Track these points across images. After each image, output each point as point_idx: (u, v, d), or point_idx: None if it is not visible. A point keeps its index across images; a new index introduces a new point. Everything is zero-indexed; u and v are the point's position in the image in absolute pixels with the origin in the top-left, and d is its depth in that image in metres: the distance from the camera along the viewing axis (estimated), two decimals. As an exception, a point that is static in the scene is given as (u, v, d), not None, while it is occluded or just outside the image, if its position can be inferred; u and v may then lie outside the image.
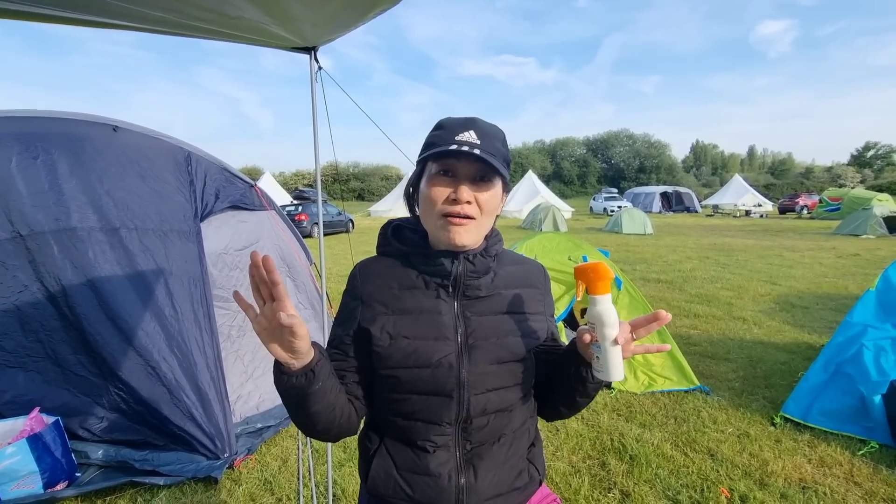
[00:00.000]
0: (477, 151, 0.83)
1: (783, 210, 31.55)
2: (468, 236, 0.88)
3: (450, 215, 0.87)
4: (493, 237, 0.99)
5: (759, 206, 33.16)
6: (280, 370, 0.80)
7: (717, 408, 3.39)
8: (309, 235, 17.26)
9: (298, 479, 2.68)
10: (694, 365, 3.98)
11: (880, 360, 2.95)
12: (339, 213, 20.49)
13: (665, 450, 2.86)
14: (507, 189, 0.96)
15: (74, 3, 1.00)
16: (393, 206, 29.68)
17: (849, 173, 58.96)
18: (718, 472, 2.63)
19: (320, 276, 2.47)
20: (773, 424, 3.12)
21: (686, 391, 3.64)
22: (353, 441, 3.03)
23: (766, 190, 48.04)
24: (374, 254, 1.03)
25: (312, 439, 3.15)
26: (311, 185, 58.27)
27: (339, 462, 2.85)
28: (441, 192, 0.87)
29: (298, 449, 3.00)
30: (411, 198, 1.00)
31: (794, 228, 20.02)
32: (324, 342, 3.88)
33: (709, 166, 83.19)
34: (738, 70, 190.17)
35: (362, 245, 11.16)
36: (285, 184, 52.83)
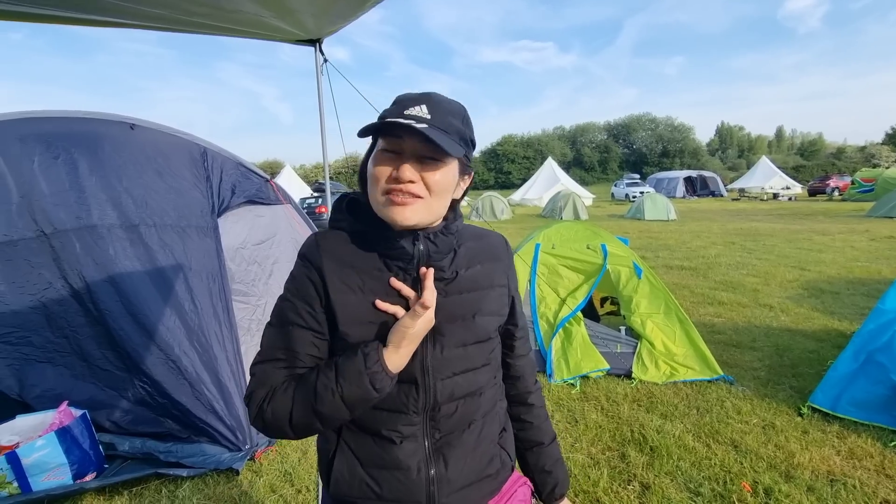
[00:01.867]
0: (422, 126, 0.77)
1: (813, 192, 30.49)
2: (412, 215, 0.82)
3: (390, 193, 0.81)
4: (452, 215, 0.93)
5: (788, 188, 32.13)
6: (382, 376, 0.80)
7: (741, 398, 3.31)
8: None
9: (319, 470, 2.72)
10: (718, 354, 3.89)
11: (915, 348, 2.83)
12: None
13: (687, 441, 2.80)
14: (466, 170, 0.90)
15: (72, 1, 0.99)
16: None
17: (883, 152, 56.58)
18: (742, 464, 2.57)
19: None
20: (801, 415, 3.03)
21: (709, 381, 3.56)
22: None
23: (794, 172, 46.46)
24: None
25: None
26: (331, 178, 58.78)
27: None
28: (383, 171, 0.81)
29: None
30: (363, 176, 0.91)
31: (825, 211, 19.36)
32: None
33: (735, 149, 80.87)
34: (766, 48, 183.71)
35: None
36: (306, 176, 53.31)
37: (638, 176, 41.28)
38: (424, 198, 0.83)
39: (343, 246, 0.89)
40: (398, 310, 0.85)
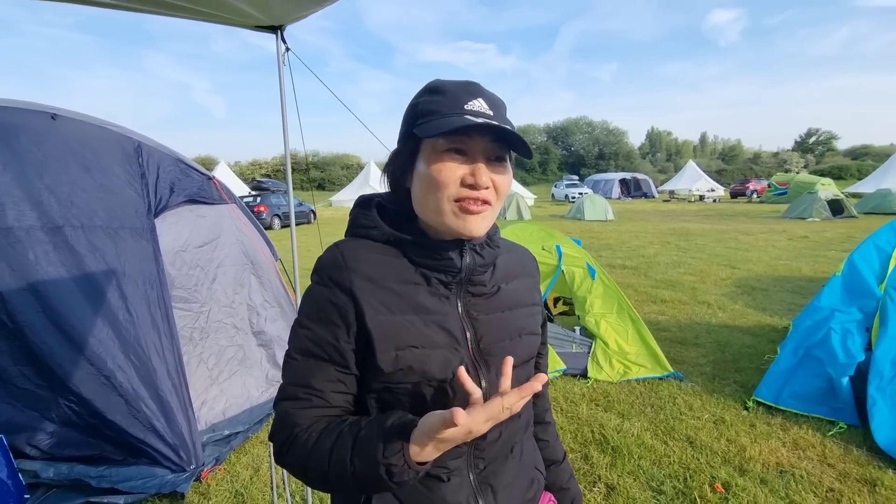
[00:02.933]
0: (496, 125, 0.70)
1: (735, 194, 32.89)
2: (485, 223, 0.75)
3: (464, 200, 0.72)
4: (493, 224, 0.86)
5: (713, 190, 34.45)
6: (401, 469, 0.65)
7: (691, 394, 3.44)
8: (269, 227, 16.73)
9: (272, 488, 2.54)
10: (665, 351, 4.03)
11: (847, 342, 3.05)
12: (300, 204, 19.97)
13: (646, 439, 2.87)
14: (512, 166, 0.82)
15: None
16: (355, 196, 29.10)
17: (793, 158, 62.07)
18: (699, 460, 2.65)
19: (286, 271, 2.32)
20: (746, 409, 3.18)
21: (660, 378, 3.68)
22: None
23: (718, 175, 49.97)
24: (321, 244, 0.86)
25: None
26: (269, 176, 56.50)
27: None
28: (453, 175, 0.72)
29: (271, 456, 2.85)
30: (398, 179, 0.81)
31: (746, 212, 20.88)
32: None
33: (664, 153, 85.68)
34: (691, 58, 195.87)
35: (325, 237, 10.83)
36: (241, 174, 50.99)
37: (577, 177, 42.82)
38: (492, 204, 0.75)
39: (373, 258, 0.78)
40: (475, 390, 0.68)
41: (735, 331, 4.83)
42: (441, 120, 0.71)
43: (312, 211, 20.34)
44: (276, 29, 1.57)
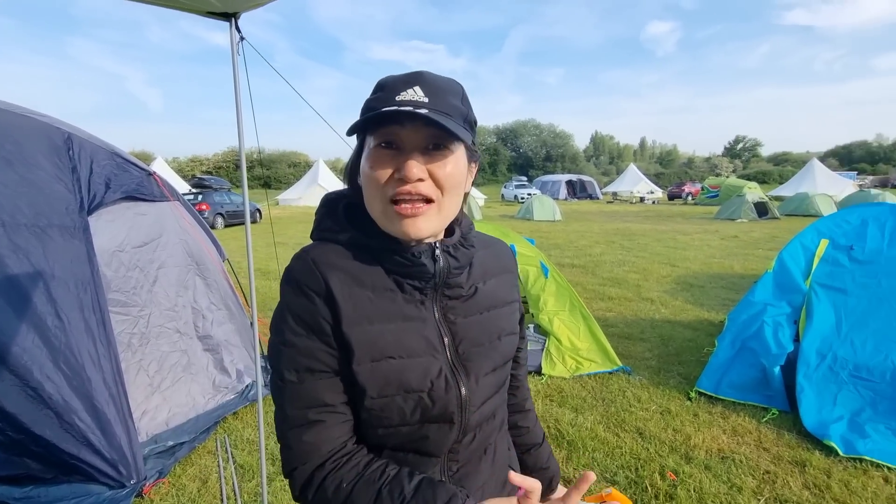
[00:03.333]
0: (423, 111, 0.65)
1: (672, 197, 34.67)
2: (426, 225, 0.70)
3: (398, 200, 0.69)
4: (464, 223, 0.83)
5: (652, 193, 36.13)
6: None
7: (639, 387, 3.58)
8: (213, 227, 16.00)
9: (222, 500, 2.42)
10: (614, 346, 4.17)
11: (778, 334, 3.27)
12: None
13: (598, 432, 2.95)
14: (474, 157, 0.78)
15: None
16: (303, 195, 28.41)
17: (723, 163, 66.32)
18: (649, 450, 2.77)
19: (234, 272, 2.21)
20: (690, 399, 3.35)
21: (610, 372, 3.81)
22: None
23: (656, 178, 52.48)
24: (289, 245, 0.82)
25: (233, 453, 2.88)
26: (210, 172, 53.95)
27: (268, 477, 2.61)
28: (383, 172, 0.68)
29: (220, 466, 2.71)
30: (354, 180, 0.79)
31: (682, 214, 22.05)
32: (244, 347, 3.49)
33: (606, 156, 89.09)
34: (631, 66, 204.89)
35: (273, 236, 10.46)
36: (181, 170, 48.46)
37: (525, 178, 43.69)
38: (436, 200, 0.70)
39: (345, 265, 0.73)
40: (532, 485, 0.69)
41: (677, 325, 5.08)
42: (367, 114, 0.68)
43: (258, 210, 19.65)
44: (229, 16, 1.49)
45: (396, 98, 0.68)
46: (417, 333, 0.74)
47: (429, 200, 0.70)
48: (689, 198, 32.37)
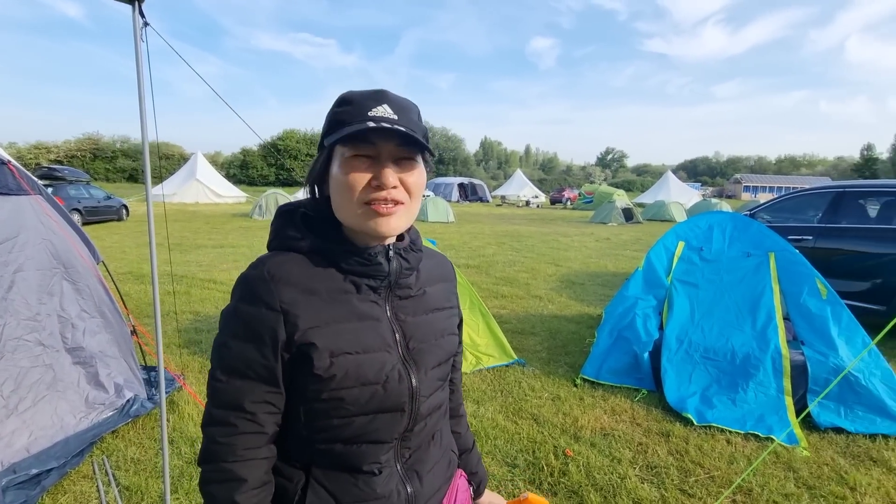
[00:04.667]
0: (402, 129, 0.74)
1: (553, 201, 37.47)
2: (397, 223, 0.79)
3: (373, 202, 0.76)
4: (412, 230, 0.92)
5: (536, 197, 38.68)
6: None
7: (532, 377, 3.87)
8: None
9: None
10: (509, 340, 4.45)
11: (647, 324, 3.76)
12: (109, 197, 17.14)
13: (499, 421, 3.16)
14: (429, 167, 0.87)
15: None
16: (178, 190, 25.92)
17: (596, 172, 73.10)
18: (543, 433, 3.02)
19: (110, 275, 2.03)
20: (576, 385, 3.71)
21: (507, 365, 4.07)
22: (173, 467, 2.60)
23: (540, 184, 56.35)
24: (165, 246, 0.86)
25: (115, 474, 2.61)
26: (61, 162, 46.94)
27: (159, 496, 2.41)
28: (361, 178, 0.75)
29: (100, 491, 2.45)
30: (316, 187, 0.85)
31: (563, 217, 23.93)
32: (124, 358, 3.19)
33: (495, 161, 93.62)
34: (518, 77, 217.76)
35: (144, 236, 9.44)
36: (20, 158, 41.59)
37: (419, 180, 44.22)
38: (405, 203, 0.79)
39: (301, 271, 0.79)
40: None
41: (563, 320, 5.56)
42: (345, 128, 0.75)
43: (124, 206, 17.61)
44: (132, 0, 1.39)
45: (369, 114, 0.75)
46: (373, 331, 0.81)
47: (399, 203, 0.78)
48: (569, 203, 35.23)
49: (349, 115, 0.76)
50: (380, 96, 0.78)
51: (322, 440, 0.81)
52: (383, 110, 0.76)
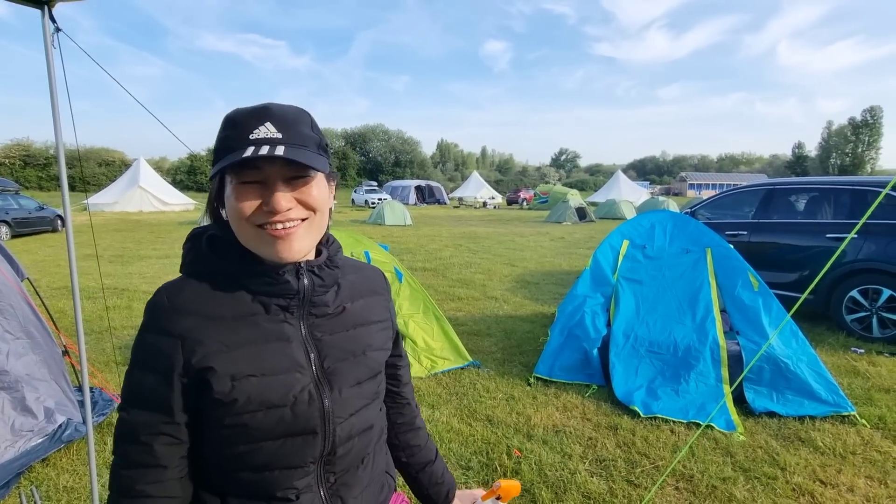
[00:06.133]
0: (280, 151, 0.69)
1: (510, 202, 38.08)
2: (299, 245, 0.75)
3: (267, 226, 0.73)
4: (332, 245, 0.89)
5: (493, 198, 39.16)
6: None
7: (487, 378, 3.91)
8: (-5, 237, 13.08)
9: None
10: (465, 343, 4.49)
11: (596, 321, 3.87)
12: (41, 208, 16.11)
13: (453, 424, 3.17)
14: (332, 176, 0.84)
15: None
16: (119, 199, 24.68)
17: (551, 173, 74.82)
18: (497, 434, 3.06)
19: (37, 293, 1.92)
20: (529, 384, 3.77)
21: (462, 368, 4.09)
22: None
23: (496, 185, 57.10)
24: (105, 258, 0.82)
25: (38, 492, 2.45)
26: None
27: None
28: (250, 206, 0.72)
29: (29, 524, 2.29)
30: (216, 212, 0.82)
31: (519, 217, 24.32)
32: (55, 380, 3.02)
33: (452, 163, 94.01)
34: (472, 79, 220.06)
35: (83, 248, 8.93)
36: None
37: (375, 183, 44.01)
38: (309, 218, 0.76)
39: (205, 297, 0.77)
40: None
41: (517, 320, 5.65)
42: (227, 156, 0.72)
43: (59, 216, 16.60)
44: (41, 3, 1.32)
45: (250, 136, 0.71)
46: (281, 352, 0.78)
47: (300, 221, 0.75)
48: (525, 203, 35.83)
49: (232, 140, 0.72)
50: (262, 113, 0.74)
51: (232, 468, 0.78)
52: (266, 130, 0.72)
